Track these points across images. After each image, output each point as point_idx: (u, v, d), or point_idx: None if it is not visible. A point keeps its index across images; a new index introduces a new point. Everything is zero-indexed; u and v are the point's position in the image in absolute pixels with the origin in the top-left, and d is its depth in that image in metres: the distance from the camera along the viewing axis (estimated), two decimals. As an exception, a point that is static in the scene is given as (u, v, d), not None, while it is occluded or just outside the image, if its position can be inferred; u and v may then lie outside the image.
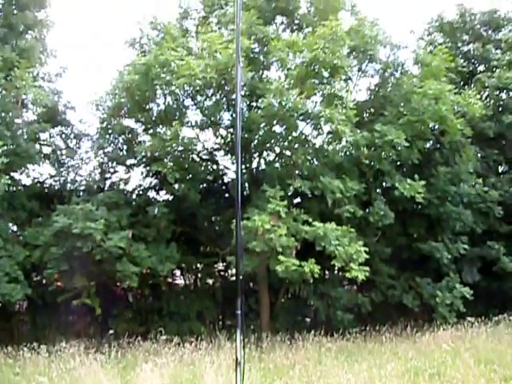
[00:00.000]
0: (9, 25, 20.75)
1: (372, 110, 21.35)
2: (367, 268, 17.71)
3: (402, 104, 20.49)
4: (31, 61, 20.85)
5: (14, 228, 21.00)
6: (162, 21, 20.43)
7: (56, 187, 22.58)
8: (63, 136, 22.52)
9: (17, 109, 20.71)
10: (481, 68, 25.36)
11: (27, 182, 22.20)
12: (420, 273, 21.84)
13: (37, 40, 21.46)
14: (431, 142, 22.29)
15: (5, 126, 20.17)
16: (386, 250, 21.50)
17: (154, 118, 20.12)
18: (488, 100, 24.37)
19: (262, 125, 18.70)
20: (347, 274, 17.66)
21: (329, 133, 19.37)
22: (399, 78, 21.04)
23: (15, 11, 21.18)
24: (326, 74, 18.76)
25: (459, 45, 25.17)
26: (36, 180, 22.42)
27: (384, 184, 21.45)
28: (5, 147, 18.43)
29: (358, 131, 18.95)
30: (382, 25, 20.57)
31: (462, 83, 24.10)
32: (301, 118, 18.72)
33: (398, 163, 21.44)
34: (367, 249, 17.99)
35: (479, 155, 23.99)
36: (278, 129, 19.10)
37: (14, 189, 21.12)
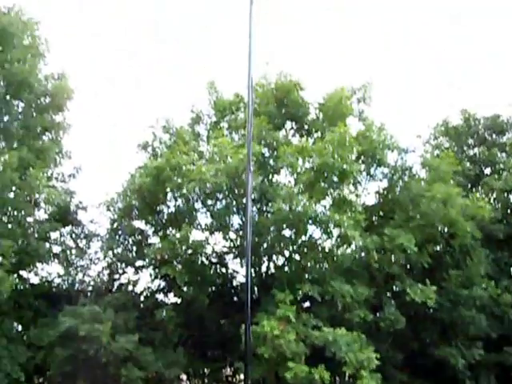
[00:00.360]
0: (27, 127, 21.37)
1: (381, 213, 21.45)
2: (379, 375, 17.18)
3: (411, 207, 20.64)
4: (46, 161, 21.34)
5: (19, 327, 20.69)
6: (175, 124, 21.05)
7: (64, 287, 22.38)
8: (73, 236, 22.58)
9: (29, 207, 21.00)
10: (487, 171, 25.72)
11: (35, 280, 22.09)
12: (435, 380, 21.06)
13: (53, 141, 21.99)
14: (441, 245, 22.17)
15: (16, 225, 20.41)
16: (398, 356, 20.87)
17: (164, 221, 20.30)
18: (496, 202, 24.48)
19: (272, 229, 18.81)
20: (358, 382, 17.09)
21: (338, 237, 19.36)
22: (407, 181, 21.33)
23: (34, 114, 21.90)
24: (335, 179, 19.05)
25: (465, 148, 25.72)
26: (44, 279, 22.29)
27: (395, 288, 21.14)
28: (15, 246, 18.59)
29: (368, 235, 18.98)
30: (390, 129, 21.18)
31: (469, 186, 24.36)
32: (310, 222, 18.82)
33: (409, 266, 21.23)
34: (378, 355, 17.52)
35: (490, 258, 23.75)
36: (287, 233, 19.22)
37: (22, 287, 20.98)
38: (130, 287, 21.77)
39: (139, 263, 21.52)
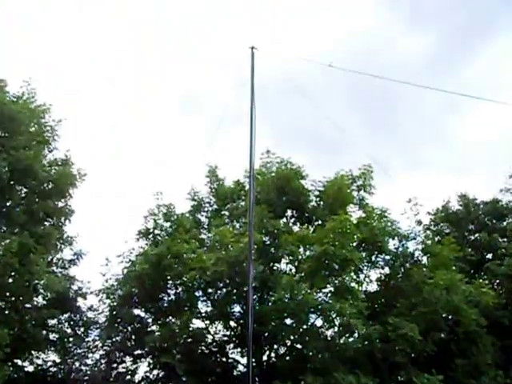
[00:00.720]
0: (29, 212, 21.49)
1: (383, 300, 21.18)
2: None
3: (414, 295, 20.40)
4: (47, 247, 21.34)
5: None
6: (176, 212, 21.19)
7: (60, 375, 21.86)
8: (72, 323, 22.27)
9: (28, 293, 20.84)
10: (489, 256, 25.61)
11: (30, 368, 21.60)
12: None
13: (54, 227, 22.10)
14: (446, 332, 21.74)
15: (13, 310, 20.17)
16: None
17: (164, 308, 20.05)
18: (500, 288, 24.21)
19: (273, 317, 18.55)
20: None
21: (340, 325, 19.09)
22: (409, 268, 21.17)
23: (37, 199, 22.07)
24: (336, 267, 18.96)
25: (466, 234, 25.73)
26: (39, 367, 21.80)
27: (400, 378, 20.57)
28: (11, 332, 18.31)
29: (371, 323, 18.70)
30: (391, 215, 21.31)
31: (471, 272, 24.17)
32: (312, 310, 18.62)
33: (413, 355, 20.75)
34: None
35: (497, 345, 23.23)
36: (288, 321, 18.94)
37: (16, 375, 20.48)
38: (128, 377, 21.24)
39: (138, 352, 21.09)
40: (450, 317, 20.98)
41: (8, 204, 21.48)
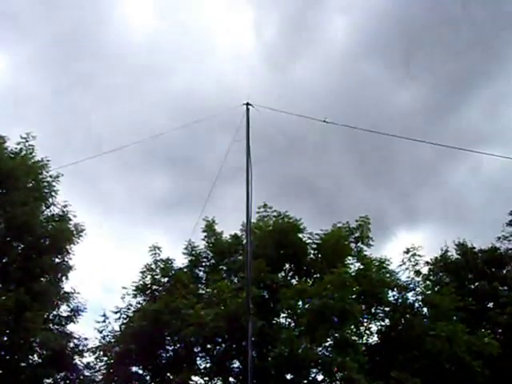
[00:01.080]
0: (26, 268, 21.32)
1: (384, 353, 20.88)
2: None
3: (415, 347, 20.15)
4: (44, 304, 21.08)
5: None
6: (174, 267, 21.10)
7: None
8: (68, 382, 21.80)
9: (23, 351, 20.49)
10: (490, 305, 25.44)
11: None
12: None
13: (51, 284, 21.89)
14: (450, 384, 21.39)
15: (8, 369, 19.80)
16: None
17: (162, 365, 19.72)
18: (502, 337, 23.95)
19: (273, 373, 18.25)
20: None
21: (342, 380, 18.76)
22: (410, 319, 20.96)
23: (33, 255, 21.93)
24: (336, 320, 18.77)
25: (465, 283, 25.61)
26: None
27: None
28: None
29: (373, 378, 18.38)
30: (390, 265, 21.23)
31: (473, 322, 23.91)
32: (312, 365, 18.36)
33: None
34: None
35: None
36: (289, 376, 18.65)
37: None
38: None
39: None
40: (453, 368, 20.69)
41: (4, 260, 21.35)
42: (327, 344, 19.25)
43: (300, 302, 18.91)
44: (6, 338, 20.14)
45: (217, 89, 43.55)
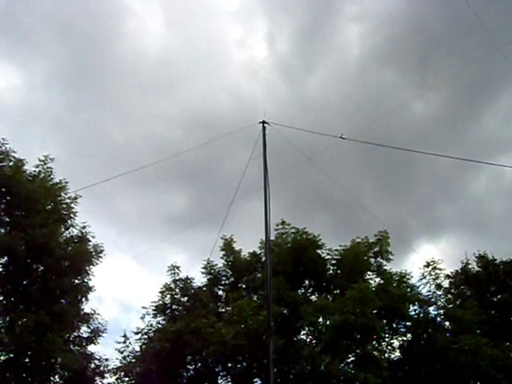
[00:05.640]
0: (46, 289, 21.40)
1: (407, 368, 20.64)
2: None
3: (438, 361, 19.91)
4: (64, 325, 21.09)
5: None
6: (193, 286, 21.07)
7: None
8: (89, 403, 21.77)
9: (44, 373, 20.49)
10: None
11: None
12: None
13: (71, 305, 21.91)
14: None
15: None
16: None
17: (183, 385, 19.65)
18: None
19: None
20: None
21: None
22: (432, 334, 20.75)
23: (53, 277, 22.01)
24: (357, 336, 18.63)
25: (487, 295, 25.22)
26: None
27: None
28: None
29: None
30: (410, 280, 21.06)
31: (496, 334, 23.56)
32: (334, 381, 18.18)
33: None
34: None
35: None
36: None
37: None
38: None
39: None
40: (478, 383, 20.40)
41: (24, 282, 21.43)
42: (349, 360, 19.09)
43: (321, 319, 18.76)
44: (27, 360, 20.14)
45: (231, 102, 43.94)
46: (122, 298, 39.28)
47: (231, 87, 44.84)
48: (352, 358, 19.20)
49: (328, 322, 18.88)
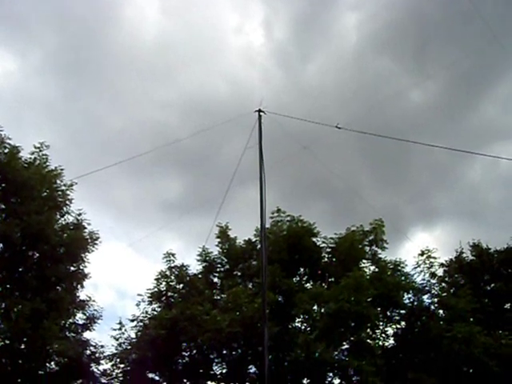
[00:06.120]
0: (41, 277, 21.40)
1: (401, 356, 20.79)
2: None
3: (432, 349, 20.06)
4: (60, 312, 21.14)
5: None
6: (188, 273, 21.13)
7: None
8: (85, 389, 21.89)
9: (40, 359, 20.57)
10: (507, 306, 25.12)
11: None
12: None
13: (67, 292, 21.95)
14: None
15: (26, 377, 19.88)
16: None
17: (178, 372, 19.73)
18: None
19: (289, 378, 18.25)
20: None
21: (358, 382, 18.71)
22: (426, 321, 20.89)
23: (49, 264, 22.03)
24: (352, 324, 18.75)
25: (481, 284, 25.34)
26: None
27: None
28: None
29: (389, 380, 18.34)
30: (404, 268, 21.17)
31: (490, 323, 23.72)
32: (329, 368, 18.32)
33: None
34: None
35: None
36: (305, 381, 18.61)
37: None
38: None
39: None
40: (470, 370, 20.57)
41: (20, 269, 21.46)
42: (343, 348, 19.22)
43: (315, 306, 18.86)
44: (23, 346, 20.22)
45: (228, 88, 43.78)
46: (118, 285, 39.35)
47: (228, 73, 44.66)
48: (346, 346, 19.31)
49: (323, 310, 18.98)
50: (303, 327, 19.64)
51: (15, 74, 43.64)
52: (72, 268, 22.31)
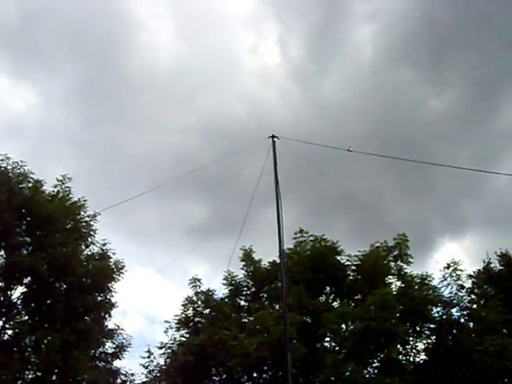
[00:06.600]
0: (69, 308, 21.58)
1: (433, 371, 20.48)
2: None
3: (464, 363, 19.73)
4: (89, 342, 21.28)
5: None
6: (215, 298, 21.18)
7: None
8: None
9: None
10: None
11: None
12: None
13: (95, 322, 22.10)
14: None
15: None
16: None
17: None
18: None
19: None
20: None
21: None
22: (456, 335, 20.59)
23: (76, 295, 22.21)
24: (381, 340, 18.56)
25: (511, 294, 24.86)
26: None
27: None
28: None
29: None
30: (432, 282, 20.93)
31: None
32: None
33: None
34: None
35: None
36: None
37: None
38: None
39: None
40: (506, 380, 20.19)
41: (48, 301, 21.68)
42: (374, 366, 19.02)
43: (343, 326, 18.75)
44: (54, 378, 20.35)
45: (246, 109, 44.07)
46: (147, 311, 39.48)
47: (245, 95, 44.98)
48: (376, 364, 19.10)
49: (350, 329, 18.84)
50: (331, 347, 19.49)
51: (37, 105, 44.55)
52: (99, 298, 22.45)
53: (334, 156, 16.45)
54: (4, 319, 20.50)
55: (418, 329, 20.49)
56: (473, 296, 23.67)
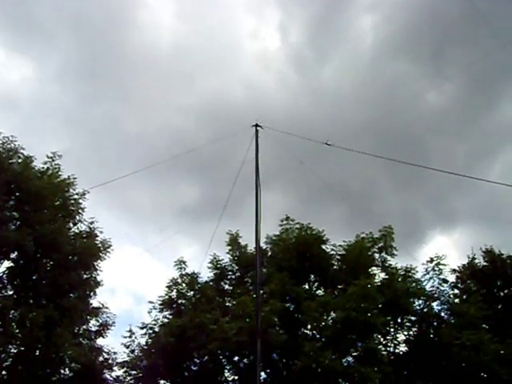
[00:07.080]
0: (55, 284, 21.63)
1: (411, 362, 20.71)
2: None
3: (443, 356, 19.95)
4: (73, 319, 21.39)
5: None
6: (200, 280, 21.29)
7: None
8: (97, 395, 22.08)
9: (54, 366, 20.82)
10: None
11: None
12: None
13: (79, 299, 22.19)
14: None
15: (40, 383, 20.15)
16: None
17: (189, 378, 19.87)
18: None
19: (299, 384, 18.30)
20: None
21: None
22: (437, 328, 20.79)
23: (62, 272, 22.25)
24: (360, 331, 18.73)
25: (494, 290, 25.07)
26: None
27: None
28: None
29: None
30: (415, 274, 21.11)
31: (502, 330, 23.48)
32: (337, 376, 18.32)
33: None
34: None
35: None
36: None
37: None
38: None
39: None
40: (483, 375, 20.41)
41: (34, 277, 21.74)
42: (353, 355, 19.21)
43: (324, 314, 18.89)
44: (37, 353, 20.49)
45: (245, 92, 43.89)
46: (135, 290, 39.54)
47: (244, 78, 44.78)
48: (354, 354, 19.28)
49: (330, 318, 19.00)
50: (312, 334, 19.64)
51: (32, 79, 44.24)
52: (85, 276, 22.56)
53: (322, 146, 16.46)
54: (-11, 293, 20.66)
55: (399, 320, 20.68)
56: (456, 290, 23.93)
